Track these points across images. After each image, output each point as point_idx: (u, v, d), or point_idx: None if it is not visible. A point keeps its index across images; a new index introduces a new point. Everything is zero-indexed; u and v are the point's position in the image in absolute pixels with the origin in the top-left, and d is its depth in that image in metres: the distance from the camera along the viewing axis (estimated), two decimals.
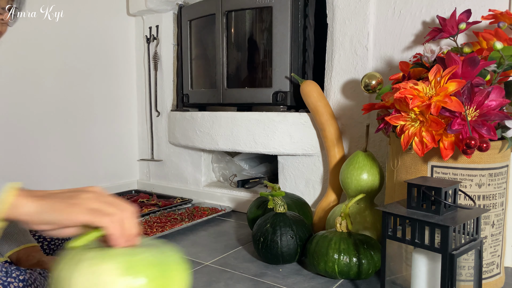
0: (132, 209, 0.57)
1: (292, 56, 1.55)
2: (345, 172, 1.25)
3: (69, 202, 0.55)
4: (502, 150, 0.94)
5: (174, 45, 2.03)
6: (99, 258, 0.52)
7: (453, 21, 1.09)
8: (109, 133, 2.04)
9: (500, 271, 1.00)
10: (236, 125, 1.64)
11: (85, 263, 0.51)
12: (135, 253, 0.54)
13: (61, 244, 1.14)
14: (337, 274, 1.04)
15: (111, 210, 0.54)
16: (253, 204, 1.43)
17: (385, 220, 0.83)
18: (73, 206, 0.54)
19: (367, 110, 1.17)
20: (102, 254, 0.53)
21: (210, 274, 1.12)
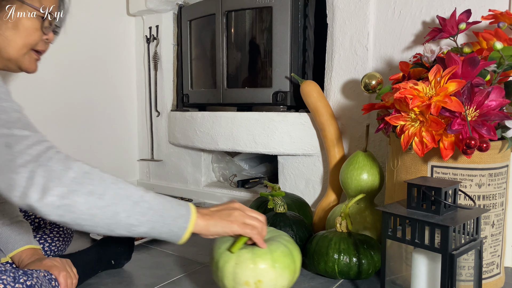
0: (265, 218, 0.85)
1: (292, 56, 1.55)
2: (345, 172, 1.25)
3: (227, 220, 0.79)
4: (502, 150, 0.94)
5: (174, 45, 2.03)
6: (253, 257, 0.80)
7: (453, 21, 1.09)
8: (109, 133, 2.04)
9: (500, 271, 1.00)
10: (236, 125, 1.64)
11: (246, 261, 0.80)
12: (274, 250, 0.82)
13: (61, 246, 1.14)
14: (337, 274, 1.04)
15: (254, 223, 0.82)
16: (253, 204, 1.43)
17: (385, 220, 0.83)
18: (231, 222, 0.79)
19: (367, 110, 1.17)
20: (254, 253, 0.81)
21: (210, 274, 1.12)
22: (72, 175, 0.62)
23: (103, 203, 0.64)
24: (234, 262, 0.80)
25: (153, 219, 0.69)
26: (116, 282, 1.07)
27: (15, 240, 0.94)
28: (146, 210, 0.68)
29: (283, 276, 0.82)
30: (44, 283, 0.79)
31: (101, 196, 0.64)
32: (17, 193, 0.60)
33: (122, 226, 0.67)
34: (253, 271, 0.79)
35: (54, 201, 0.60)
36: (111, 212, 0.65)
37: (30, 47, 0.85)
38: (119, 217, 0.65)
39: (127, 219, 0.66)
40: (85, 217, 0.63)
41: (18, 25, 0.81)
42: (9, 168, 0.60)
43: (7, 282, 0.71)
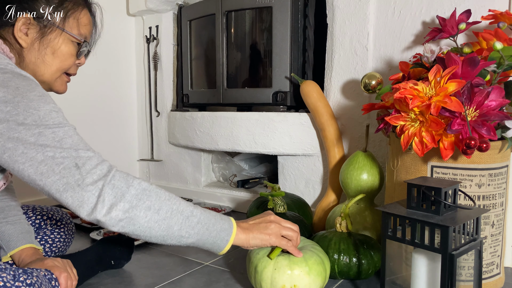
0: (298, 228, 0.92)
1: (292, 56, 1.55)
2: (345, 172, 1.25)
3: (265, 233, 0.87)
4: (502, 150, 0.94)
5: (174, 45, 2.03)
6: (290, 264, 0.88)
7: (453, 21, 1.09)
8: (109, 133, 2.04)
9: (500, 271, 1.00)
10: (236, 125, 1.64)
11: (284, 267, 0.87)
12: (308, 258, 0.90)
13: (62, 246, 1.14)
14: (337, 274, 1.04)
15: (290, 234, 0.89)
16: (253, 204, 1.43)
17: (385, 220, 0.83)
18: (268, 235, 0.87)
19: (367, 110, 1.17)
20: (290, 261, 0.88)
21: (210, 274, 1.12)
22: (133, 192, 0.71)
23: (159, 217, 0.73)
24: (273, 267, 0.88)
25: (200, 232, 0.78)
26: (116, 282, 1.07)
27: (17, 238, 0.95)
28: (195, 224, 0.77)
29: (315, 282, 0.90)
30: (44, 282, 0.79)
31: (158, 211, 0.73)
32: (87, 208, 0.69)
33: (174, 238, 0.76)
34: (290, 276, 0.87)
35: (118, 215, 0.70)
36: (165, 225, 0.74)
37: (63, 71, 0.90)
38: (172, 230, 0.75)
39: (178, 231, 0.76)
40: (143, 229, 0.73)
41: (56, 51, 0.86)
42: (79, 187, 0.68)
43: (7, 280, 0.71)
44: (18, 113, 0.69)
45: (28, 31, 0.83)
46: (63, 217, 1.17)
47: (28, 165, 0.68)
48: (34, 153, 0.68)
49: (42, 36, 0.84)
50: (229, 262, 1.20)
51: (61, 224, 1.15)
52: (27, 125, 0.69)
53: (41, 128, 0.69)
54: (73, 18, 0.88)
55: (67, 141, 0.71)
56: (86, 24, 0.91)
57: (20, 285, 0.72)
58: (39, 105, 0.71)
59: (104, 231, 1.43)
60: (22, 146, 0.68)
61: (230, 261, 1.21)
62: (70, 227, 1.18)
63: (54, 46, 0.86)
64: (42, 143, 0.69)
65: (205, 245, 0.81)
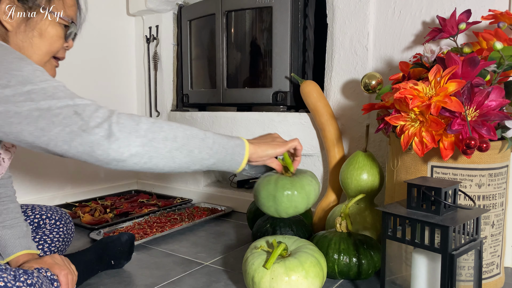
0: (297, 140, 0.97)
1: (292, 56, 1.55)
2: (345, 172, 1.25)
3: (272, 144, 0.91)
4: (502, 150, 0.94)
5: (174, 45, 2.03)
6: (287, 270, 0.88)
7: (453, 21, 1.09)
8: None
9: (500, 271, 1.00)
10: (236, 125, 1.64)
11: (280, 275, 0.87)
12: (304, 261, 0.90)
13: (61, 246, 1.14)
14: (337, 274, 1.04)
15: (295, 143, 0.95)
16: (253, 204, 1.43)
17: (385, 220, 0.83)
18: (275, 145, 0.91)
19: (367, 110, 1.17)
20: (286, 267, 0.88)
21: (210, 274, 1.12)
22: (145, 126, 0.70)
23: (178, 145, 0.73)
24: (270, 277, 0.88)
25: (218, 151, 0.80)
26: (116, 282, 1.07)
27: (13, 244, 0.94)
28: (212, 144, 0.79)
29: (314, 284, 0.90)
30: (45, 282, 0.79)
31: (175, 139, 0.73)
32: (100, 151, 0.66)
33: (197, 161, 0.77)
34: (288, 283, 0.88)
35: (138, 151, 0.69)
36: (186, 151, 0.75)
37: (52, 54, 0.88)
38: (193, 154, 0.76)
39: (199, 154, 0.77)
40: (166, 160, 0.72)
41: (43, 33, 0.84)
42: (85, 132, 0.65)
43: (7, 280, 0.71)
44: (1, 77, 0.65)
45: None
46: (62, 217, 1.16)
47: (25, 124, 0.65)
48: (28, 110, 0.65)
49: (28, 19, 0.82)
50: (229, 262, 1.20)
51: (60, 223, 1.15)
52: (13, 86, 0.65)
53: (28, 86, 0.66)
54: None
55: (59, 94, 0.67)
56: (71, 6, 0.89)
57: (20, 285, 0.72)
58: (21, 66, 0.68)
59: (104, 231, 1.43)
60: (14, 106, 0.64)
61: (230, 261, 1.21)
62: (70, 227, 1.17)
63: (41, 28, 0.83)
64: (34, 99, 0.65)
65: (224, 163, 0.83)
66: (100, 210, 1.69)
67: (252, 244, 1.00)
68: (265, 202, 0.99)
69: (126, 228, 1.49)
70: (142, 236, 1.39)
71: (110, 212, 1.69)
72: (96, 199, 1.92)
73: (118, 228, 1.48)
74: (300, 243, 0.99)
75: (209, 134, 0.80)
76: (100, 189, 2.02)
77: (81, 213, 1.66)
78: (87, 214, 1.63)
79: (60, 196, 1.86)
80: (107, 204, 1.82)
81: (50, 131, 0.65)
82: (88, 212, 1.69)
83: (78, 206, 1.79)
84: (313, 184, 1.00)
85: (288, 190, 0.96)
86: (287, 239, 1.00)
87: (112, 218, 1.62)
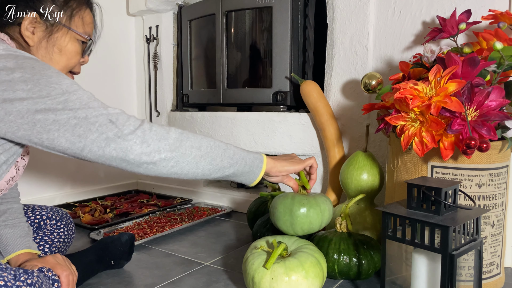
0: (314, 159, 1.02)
1: (292, 56, 1.55)
2: (345, 172, 1.25)
3: (290, 161, 0.96)
4: (502, 150, 0.94)
5: (174, 45, 2.03)
6: (287, 271, 0.88)
7: (453, 21, 1.09)
8: None
9: (500, 271, 1.00)
10: (236, 125, 1.64)
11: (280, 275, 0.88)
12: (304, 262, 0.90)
13: (62, 247, 1.14)
14: (337, 274, 1.04)
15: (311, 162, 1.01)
16: (253, 204, 1.43)
17: (385, 220, 0.83)
18: (293, 162, 0.97)
19: (367, 110, 1.16)
20: (286, 267, 0.88)
21: (210, 274, 1.12)
22: (174, 135, 0.78)
23: (202, 153, 0.80)
24: (270, 277, 0.89)
25: (238, 161, 0.86)
26: (116, 282, 1.07)
27: (14, 243, 0.94)
28: (233, 154, 0.85)
29: (314, 284, 0.90)
30: (45, 282, 0.79)
31: (199, 147, 0.80)
32: (133, 156, 0.73)
33: (218, 170, 0.83)
34: (288, 283, 0.88)
35: (167, 156, 0.75)
36: (209, 158, 0.81)
37: (69, 69, 0.92)
38: (215, 162, 0.82)
39: (221, 163, 0.83)
40: (191, 166, 0.79)
41: (63, 50, 0.88)
42: (120, 138, 0.72)
43: (7, 280, 0.71)
44: (41, 89, 0.70)
45: (34, 29, 0.84)
46: (63, 217, 1.16)
47: (63, 131, 0.70)
48: (66, 118, 0.70)
49: (49, 35, 0.86)
50: (229, 262, 1.20)
51: (61, 224, 1.15)
52: (53, 97, 0.70)
53: (65, 96, 0.71)
54: (78, 16, 0.90)
55: (94, 104, 0.73)
56: (89, 23, 0.93)
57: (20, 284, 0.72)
58: (59, 79, 0.73)
59: (104, 231, 1.43)
60: (53, 115, 0.70)
61: (230, 261, 1.21)
62: (70, 227, 1.17)
63: (61, 44, 0.87)
64: (72, 108, 0.71)
65: (243, 174, 0.88)
66: (100, 210, 1.69)
67: (252, 244, 1.00)
68: (281, 216, 1.03)
69: (126, 228, 1.49)
70: (142, 236, 1.39)
71: (110, 212, 1.69)
72: (96, 199, 1.92)
73: (118, 228, 1.48)
74: (300, 243, 0.99)
75: (231, 146, 0.87)
76: (100, 189, 2.02)
77: (81, 213, 1.66)
78: (87, 214, 1.63)
79: (60, 196, 1.86)
80: (107, 204, 1.82)
81: (87, 138, 0.71)
82: (88, 212, 1.69)
83: (78, 206, 1.79)
84: (328, 204, 1.05)
85: (304, 207, 1.01)
86: (287, 239, 1.00)
87: (112, 218, 1.62)
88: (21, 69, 0.71)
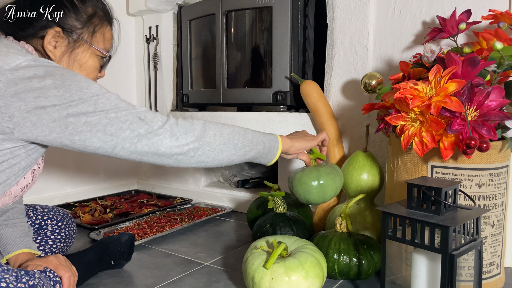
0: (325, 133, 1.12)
1: (292, 56, 1.55)
2: (345, 172, 1.25)
3: (305, 139, 1.05)
4: (502, 150, 0.94)
5: (174, 45, 2.03)
6: (287, 271, 0.88)
7: (453, 21, 1.09)
8: None
9: (500, 271, 1.00)
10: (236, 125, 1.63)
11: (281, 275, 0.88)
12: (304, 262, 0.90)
13: (63, 247, 1.14)
14: (337, 274, 1.04)
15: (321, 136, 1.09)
16: (253, 204, 1.43)
17: (385, 220, 0.83)
18: (309, 139, 1.06)
19: (367, 110, 1.16)
20: (286, 267, 0.88)
21: (210, 274, 1.12)
22: (198, 127, 0.82)
23: (224, 140, 0.86)
24: (270, 277, 0.89)
25: (257, 144, 0.92)
26: (116, 282, 1.07)
27: (14, 242, 0.95)
28: (251, 138, 0.91)
29: (314, 285, 0.90)
30: (46, 283, 0.79)
31: (221, 135, 0.85)
32: (164, 148, 0.78)
33: (241, 154, 0.89)
34: (288, 283, 0.88)
35: (195, 145, 0.81)
36: (232, 144, 0.87)
37: None
38: (237, 147, 0.88)
39: (243, 147, 0.89)
40: (217, 153, 0.84)
41: (83, 65, 0.90)
42: (151, 134, 0.77)
43: (9, 281, 0.71)
44: (72, 95, 0.73)
45: (56, 43, 0.86)
46: (64, 218, 1.16)
47: (95, 131, 0.74)
48: (97, 119, 0.74)
49: (71, 50, 0.88)
50: (229, 262, 1.20)
51: (62, 224, 1.15)
52: (83, 99, 0.74)
53: (95, 98, 0.75)
54: (100, 33, 0.93)
55: (121, 104, 0.77)
56: (109, 39, 0.96)
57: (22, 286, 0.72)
58: (89, 84, 0.76)
59: (104, 231, 1.43)
60: (84, 117, 0.73)
61: (230, 261, 1.21)
62: (71, 228, 1.17)
63: (81, 60, 0.90)
64: (102, 109, 0.74)
65: (262, 155, 0.95)
66: (100, 210, 1.69)
67: (252, 244, 1.00)
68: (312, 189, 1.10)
69: (126, 228, 1.49)
70: (142, 236, 1.39)
71: (110, 212, 1.69)
72: (96, 199, 1.92)
73: (118, 228, 1.48)
74: (300, 243, 0.99)
75: (248, 130, 0.92)
76: (100, 189, 2.02)
77: (81, 213, 1.66)
78: (87, 214, 1.63)
79: (60, 196, 1.86)
80: (107, 204, 1.82)
81: (119, 136, 0.75)
82: (88, 212, 1.69)
83: (78, 206, 1.79)
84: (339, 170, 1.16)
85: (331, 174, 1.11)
86: (287, 239, 1.00)
87: (112, 218, 1.62)
88: (51, 77, 0.73)
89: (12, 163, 0.79)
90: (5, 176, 0.79)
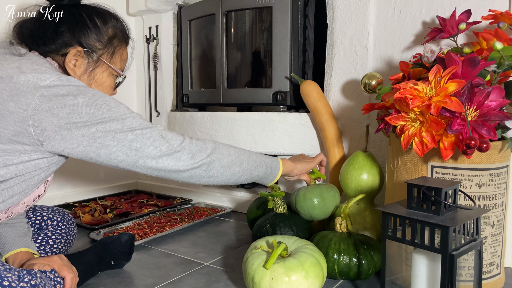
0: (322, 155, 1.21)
1: (292, 56, 1.55)
2: (345, 172, 1.25)
3: (305, 161, 1.15)
4: (502, 150, 0.94)
5: (174, 45, 2.03)
6: (287, 271, 0.88)
7: (453, 21, 1.09)
8: None
9: (500, 271, 1.00)
10: (236, 125, 1.64)
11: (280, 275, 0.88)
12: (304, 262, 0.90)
13: (63, 248, 1.14)
14: (337, 274, 1.04)
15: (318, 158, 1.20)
16: (253, 204, 1.43)
17: (385, 221, 0.83)
18: (308, 162, 1.16)
19: (367, 110, 1.16)
20: (286, 268, 0.89)
21: (210, 274, 1.12)
22: (210, 145, 0.91)
23: (232, 158, 0.94)
24: (270, 277, 0.89)
25: (261, 164, 1.00)
26: (116, 282, 1.07)
27: (13, 241, 0.95)
28: (255, 158, 0.99)
29: (314, 285, 0.90)
30: (47, 283, 0.80)
31: (229, 154, 0.94)
32: (181, 163, 0.86)
33: (246, 172, 0.97)
34: (288, 284, 0.88)
35: (208, 161, 0.89)
36: (238, 162, 0.95)
37: None
38: (243, 165, 0.96)
39: (247, 165, 0.97)
40: (225, 169, 0.92)
41: (100, 84, 0.95)
42: (171, 151, 0.85)
43: (12, 280, 0.72)
44: (103, 113, 0.79)
45: (76, 62, 0.89)
46: (64, 218, 1.16)
47: (121, 146, 0.81)
48: (124, 135, 0.81)
49: (91, 70, 0.91)
50: (229, 262, 1.20)
51: (62, 224, 1.15)
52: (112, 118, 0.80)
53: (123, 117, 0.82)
54: (118, 54, 0.96)
55: (145, 123, 0.84)
56: (125, 59, 1.00)
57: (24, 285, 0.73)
58: (117, 105, 0.82)
59: (104, 231, 1.43)
60: (112, 132, 0.80)
61: (230, 261, 1.21)
62: (72, 228, 1.17)
63: (100, 79, 0.93)
64: (129, 127, 0.81)
65: (264, 175, 1.02)
66: (100, 210, 1.69)
67: (252, 244, 1.00)
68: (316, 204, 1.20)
69: (126, 228, 1.49)
70: (142, 236, 1.39)
71: (110, 212, 1.69)
72: (96, 199, 1.92)
73: (118, 228, 1.48)
74: (300, 243, 0.99)
75: (252, 152, 1.00)
76: (100, 189, 2.02)
77: (81, 213, 1.66)
78: (87, 214, 1.63)
79: (60, 196, 1.86)
80: (107, 204, 1.82)
81: (143, 151, 0.82)
82: (88, 212, 1.69)
83: (78, 206, 1.79)
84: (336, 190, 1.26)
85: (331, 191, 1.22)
86: (287, 239, 1.00)
87: (112, 218, 1.62)
88: (84, 96, 0.79)
89: (34, 175, 0.83)
90: (25, 186, 0.83)
